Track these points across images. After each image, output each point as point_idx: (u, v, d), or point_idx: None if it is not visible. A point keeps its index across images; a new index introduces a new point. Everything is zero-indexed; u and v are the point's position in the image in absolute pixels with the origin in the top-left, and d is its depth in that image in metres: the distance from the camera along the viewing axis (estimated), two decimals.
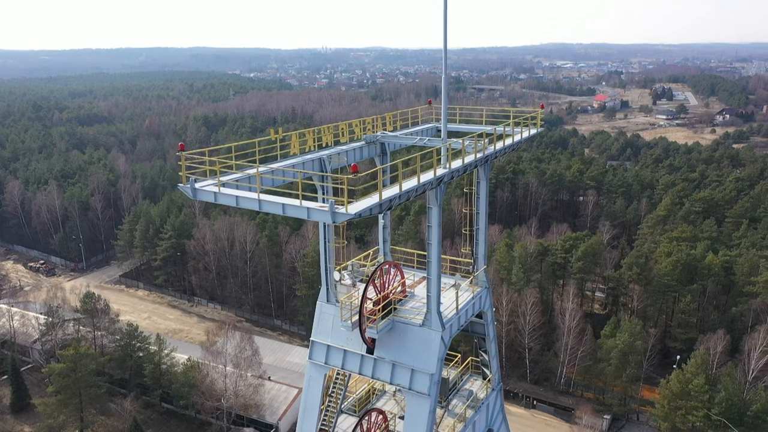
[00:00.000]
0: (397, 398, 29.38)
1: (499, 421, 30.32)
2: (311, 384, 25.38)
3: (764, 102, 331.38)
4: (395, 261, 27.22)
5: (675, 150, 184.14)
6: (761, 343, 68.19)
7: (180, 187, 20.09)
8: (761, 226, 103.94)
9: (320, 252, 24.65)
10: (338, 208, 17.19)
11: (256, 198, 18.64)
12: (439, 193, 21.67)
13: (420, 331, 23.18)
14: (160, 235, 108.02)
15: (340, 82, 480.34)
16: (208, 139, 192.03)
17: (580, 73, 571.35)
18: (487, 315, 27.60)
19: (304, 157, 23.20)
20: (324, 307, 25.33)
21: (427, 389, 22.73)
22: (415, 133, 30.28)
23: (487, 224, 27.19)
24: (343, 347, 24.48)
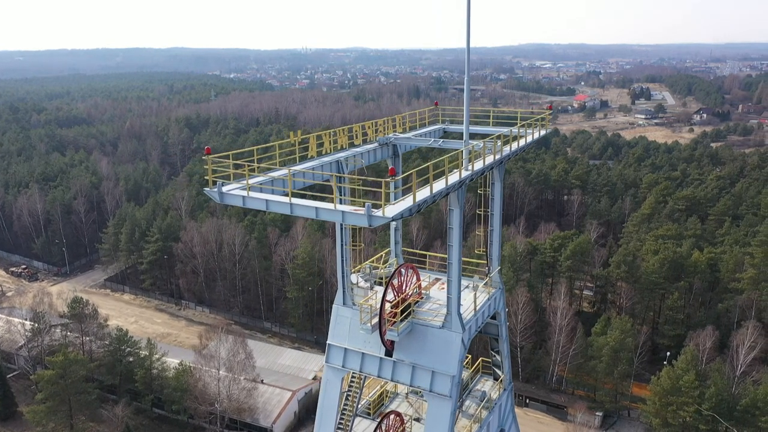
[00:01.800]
0: (410, 400, 29.36)
1: (510, 421, 30.48)
2: (328, 387, 25.24)
3: (739, 101, 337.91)
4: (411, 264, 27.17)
5: (655, 149, 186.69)
6: (749, 338, 69.44)
7: (206, 191, 19.83)
8: (743, 223, 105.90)
9: (337, 255, 24.57)
10: (375, 212, 17.11)
11: (287, 202, 18.47)
12: (461, 195, 21.72)
13: (440, 333, 23.19)
14: (146, 238, 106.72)
15: (321, 83, 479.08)
16: (190, 140, 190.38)
17: (559, 73, 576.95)
18: (501, 315, 27.73)
19: (321, 160, 23.07)
20: (340, 310, 25.21)
21: (449, 391, 22.75)
22: (423, 134, 30.31)
23: (501, 225, 27.30)
24: (361, 350, 24.38)
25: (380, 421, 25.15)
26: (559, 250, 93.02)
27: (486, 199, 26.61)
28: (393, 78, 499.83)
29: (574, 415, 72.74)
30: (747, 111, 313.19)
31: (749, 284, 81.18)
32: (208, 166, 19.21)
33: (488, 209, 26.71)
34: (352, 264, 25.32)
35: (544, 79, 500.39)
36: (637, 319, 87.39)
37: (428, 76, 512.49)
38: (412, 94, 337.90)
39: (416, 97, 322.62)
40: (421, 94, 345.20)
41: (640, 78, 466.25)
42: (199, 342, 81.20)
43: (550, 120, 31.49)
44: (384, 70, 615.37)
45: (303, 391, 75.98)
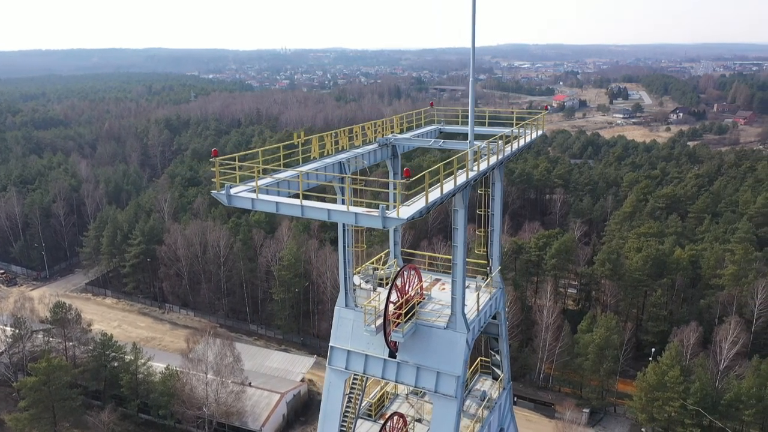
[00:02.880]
0: (410, 401, 29.36)
1: (508, 420, 30.63)
2: (331, 390, 25.12)
3: (714, 100, 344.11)
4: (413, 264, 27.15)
5: (634, 148, 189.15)
6: (732, 333, 70.70)
7: (214, 194, 19.59)
8: (722, 220, 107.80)
9: (339, 257, 24.43)
10: (389, 213, 17.05)
11: (298, 204, 18.31)
12: (465, 196, 21.77)
13: (445, 333, 23.22)
14: (129, 241, 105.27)
15: (301, 83, 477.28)
16: (171, 142, 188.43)
17: (537, 73, 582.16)
18: (501, 315, 27.85)
19: (324, 161, 22.96)
20: (343, 312, 25.10)
21: (454, 392, 22.78)
22: (420, 135, 30.32)
23: (502, 225, 27.42)
24: (364, 352, 24.31)
25: (384, 423, 25.10)
26: (543, 248, 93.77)
27: (485, 199, 26.69)
28: (373, 78, 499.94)
29: (562, 412, 73.45)
30: (722, 110, 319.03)
31: (730, 280, 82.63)
32: (215, 169, 18.96)
33: (488, 209, 26.80)
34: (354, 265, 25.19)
35: (523, 79, 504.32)
36: (621, 316, 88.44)
37: (408, 76, 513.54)
38: (393, 95, 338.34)
39: (397, 98, 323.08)
40: (402, 95, 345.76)
41: (617, 78, 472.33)
42: (186, 346, 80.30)
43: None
44: (364, 71, 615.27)
45: (291, 393, 75.62)
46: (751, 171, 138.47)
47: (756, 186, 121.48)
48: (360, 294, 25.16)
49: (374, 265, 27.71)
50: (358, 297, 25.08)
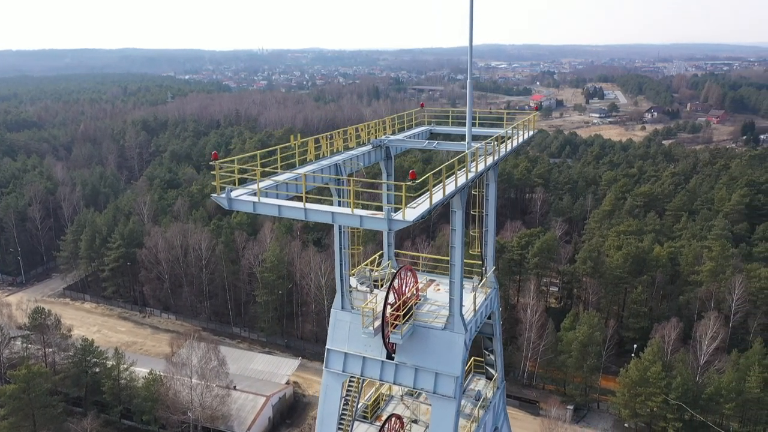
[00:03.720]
0: (405, 402, 29.37)
1: (502, 419, 30.82)
2: (328, 393, 25.00)
3: (687, 100, 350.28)
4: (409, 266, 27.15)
5: (611, 147, 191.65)
6: (711, 329, 72.02)
7: (214, 198, 19.34)
8: (699, 218, 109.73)
9: (335, 259, 24.35)
10: (394, 216, 17.01)
11: (301, 207, 18.18)
12: (463, 197, 21.84)
13: (443, 334, 23.27)
14: (108, 244, 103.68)
15: (279, 84, 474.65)
16: (148, 143, 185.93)
17: (515, 73, 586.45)
18: (495, 315, 28.01)
19: (320, 163, 22.87)
20: (339, 314, 25.02)
21: (453, 392, 22.84)
22: (411, 136, 30.36)
23: (496, 226, 27.58)
24: (361, 354, 24.26)
25: (383, 424, 25.07)
26: (526, 247, 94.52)
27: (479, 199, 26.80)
28: (351, 79, 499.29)
29: (546, 409, 74.17)
30: (695, 109, 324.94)
31: (708, 276, 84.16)
32: (216, 172, 18.74)
33: (482, 210, 26.93)
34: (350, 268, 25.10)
35: (501, 79, 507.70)
36: (602, 314, 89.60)
37: (387, 76, 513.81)
38: (372, 95, 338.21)
39: (376, 98, 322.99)
40: (381, 95, 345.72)
41: (593, 78, 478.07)
42: (169, 350, 79.28)
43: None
44: (342, 71, 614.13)
45: (277, 396, 75.20)
46: (725, 169, 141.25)
47: (730, 184, 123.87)
48: (356, 296, 25.10)
49: (369, 267, 27.65)
50: (355, 299, 25.00)
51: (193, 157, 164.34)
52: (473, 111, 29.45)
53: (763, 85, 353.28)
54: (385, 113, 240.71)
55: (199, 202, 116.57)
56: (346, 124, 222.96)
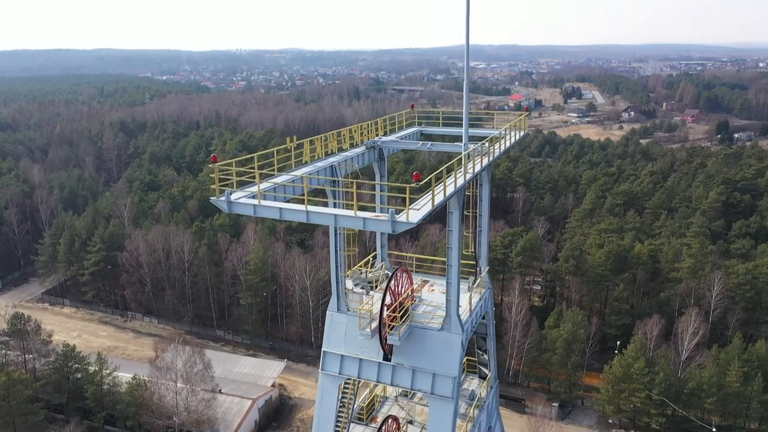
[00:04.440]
0: (400, 403, 29.38)
1: (495, 418, 31.01)
2: (325, 396, 24.91)
3: (663, 99, 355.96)
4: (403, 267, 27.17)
5: (590, 146, 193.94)
6: (692, 325, 73.21)
7: (213, 201, 19.17)
8: (678, 215, 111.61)
9: (331, 260, 24.28)
10: (398, 217, 17.01)
11: (302, 209, 18.08)
12: (460, 198, 21.93)
13: (440, 335, 23.33)
14: (88, 248, 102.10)
15: (258, 85, 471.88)
16: (126, 145, 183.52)
17: (493, 73, 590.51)
18: (489, 315, 28.18)
19: (316, 165, 22.80)
20: (335, 316, 24.95)
21: (450, 393, 22.92)
22: (403, 137, 30.40)
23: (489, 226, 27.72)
24: (358, 356, 24.21)
25: (380, 426, 25.06)
26: (509, 246, 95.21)
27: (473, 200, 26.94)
28: (331, 79, 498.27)
29: (532, 407, 74.76)
30: (671, 109, 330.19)
31: (688, 273, 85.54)
32: (214, 175, 18.57)
33: (476, 210, 27.07)
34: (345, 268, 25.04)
35: (480, 79, 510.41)
36: (584, 311, 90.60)
37: (366, 77, 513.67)
38: (353, 96, 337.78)
39: (356, 98, 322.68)
40: (361, 95, 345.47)
41: (571, 78, 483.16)
42: (152, 354, 78.41)
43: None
44: (321, 71, 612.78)
45: (263, 398, 74.75)
46: (701, 167, 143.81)
47: (707, 182, 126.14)
48: (352, 298, 25.05)
49: (363, 268, 27.62)
50: (351, 301, 24.96)
51: (173, 159, 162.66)
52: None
53: (735, 84, 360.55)
54: (366, 114, 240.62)
55: (180, 204, 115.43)
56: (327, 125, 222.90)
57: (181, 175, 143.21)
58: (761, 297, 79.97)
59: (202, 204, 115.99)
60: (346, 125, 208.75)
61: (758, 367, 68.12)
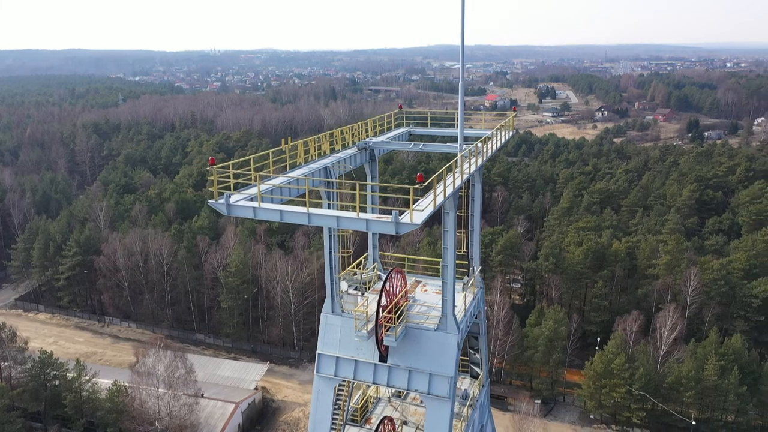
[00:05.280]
0: (393, 404, 29.38)
1: (486, 416, 31.20)
2: (320, 398, 24.80)
3: (635, 99, 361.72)
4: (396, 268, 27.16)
5: (565, 145, 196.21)
6: (670, 320, 74.56)
7: (211, 204, 18.92)
8: (653, 213, 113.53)
9: (325, 262, 24.17)
10: (402, 219, 16.99)
11: (304, 211, 17.96)
12: (455, 198, 22.01)
13: (436, 335, 23.40)
14: (63, 252, 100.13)
15: (233, 85, 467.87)
16: (100, 147, 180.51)
17: (468, 73, 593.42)
18: (481, 314, 28.33)
19: (311, 166, 22.69)
20: (330, 318, 24.84)
21: (447, 392, 23.00)
22: (392, 137, 30.42)
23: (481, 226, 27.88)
24: (353, 358, 24.16)
25: (376, 428, 25.04)
26: (489, 245, 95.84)
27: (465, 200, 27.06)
28: (307, 80, 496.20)
29: (514, 404, 75.45)
30: (643, 108, 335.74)
31: (664, 270, 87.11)
32: (213, 178, 18.35)
33: (467, 210, 27.21)
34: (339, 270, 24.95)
35: (455, 79, 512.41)
36: (564, 308, 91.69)
37: (342, 77, 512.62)
38: (329, 96, 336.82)
39: (333, 99, 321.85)
40: (338, 96, 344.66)
41: (545, 78, 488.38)
42: (131, 359, 77.27)
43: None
44: (297, 72, 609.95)
45: (246, 402, 74.13)
46: (675, 165, 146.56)
47: (680, 179, 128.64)
48: (346, 299, 24.98)
49: (356, 270, 27.57)
50: (345, 303, 24.88)
51: (149, 161, 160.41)
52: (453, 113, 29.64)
53: (705, 84, 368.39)
54: (343, 114, 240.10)
55: (158, 207, 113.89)
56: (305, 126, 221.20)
57: (157, 177, 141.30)
58: (735, 292, 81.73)
59: (180, 206, 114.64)
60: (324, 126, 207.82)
61: (734, 360, 69.67)
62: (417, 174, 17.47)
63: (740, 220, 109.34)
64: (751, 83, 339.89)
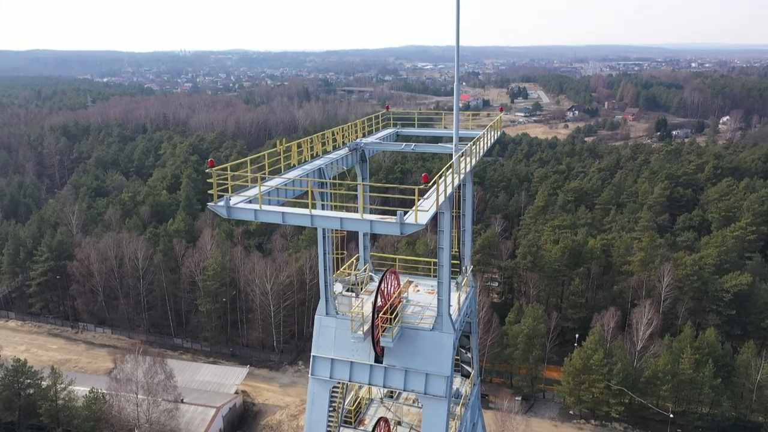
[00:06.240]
0: (386, 405, 29.37)
1: (477, 414, 31.39)
2: (316, 401, 24.67)
3: (605, 99, 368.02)
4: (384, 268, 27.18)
5: (538, 145, 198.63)
6: (646, 315, 76.00)
7: (211, 207, 18.64)
8: (626, 210, 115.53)
9: (319, 264, 24.05)
10: (406, 219, 16.98)
11: (307, 213, 17.83)
12: (451, 198, 22.11)
13: (432, 335, 23.47)
14: (34, 258, 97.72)
15: (205, 86, 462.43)
16: (70, 150, 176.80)
17: (441, 74, 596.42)
18: (473, 313, 28.51)
19: (305, 167, 22.58)
20: (324, 320, 24.73)
21: (444, 392, 23.09)
22: (381, 138, 30.42)
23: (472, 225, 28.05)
24: (349, 359, 24.09)
25: (373, 429, 25.02)
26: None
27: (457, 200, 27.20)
28: (279, 80, 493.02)
29: (495, 402, 76.07)
30: (612, 107, 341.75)
31: (639, 266, 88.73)
32: (212, 180, 18.11)
33: (459, 210, 27.36)
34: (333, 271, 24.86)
35: (428, 80, 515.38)
36: (542, 306, 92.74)
37: (315, 78, 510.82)
38: (303, 97, 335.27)
39: (307, 100, 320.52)
40: (312, 97, 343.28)
41: (516, 78, 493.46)
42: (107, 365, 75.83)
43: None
44: (269, 73, 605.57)
45: (227, 406, 73.37)
46: (645, 164, 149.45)
47: (652, 177, 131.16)
48: (340, 301, 24.89)
49: (348, 271, 27.50)
50: (340, 304, 24.80)
51: (121, 164, 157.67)
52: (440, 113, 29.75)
53: (671, 84, 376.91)
54: (318, 115, 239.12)
55: (132, 210, 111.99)
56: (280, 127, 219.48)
57: (130, 180, 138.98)
58: (707, 287, 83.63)
59: (154, 209, 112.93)
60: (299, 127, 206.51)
61: (708, 354, 71.30)
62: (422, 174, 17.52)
63: (710, 216, 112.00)
64: (716, 83, 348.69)
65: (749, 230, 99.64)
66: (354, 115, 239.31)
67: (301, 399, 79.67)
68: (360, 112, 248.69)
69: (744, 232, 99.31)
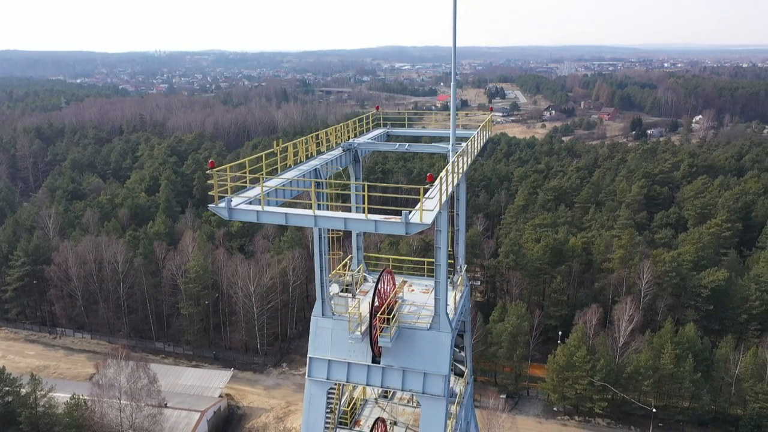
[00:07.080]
0: (381, 405, 29.37)
1: (470, 413, 31.55)
2: (313, 402, 24.56)
3: (581, 98, 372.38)
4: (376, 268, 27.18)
5: (517, 144, 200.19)
6: (627, 312, 77.11)
7: (212, 208, 18.43)
8: (605, 209, 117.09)
9: (315, 265, 23.96)
10: (411, 219, 16.98)
11: (310, 214, 17.73)
12: (448, 198, 22.18)
13: (429, 334, 23.52)
14: (10, 262, 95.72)
15: (181, 87, 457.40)
16: (44, 152, 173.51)
17: (419, 74, 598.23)
18: (467, 312, 28.65)
19: (301, 168, 22.48)
20: (320, 321, 24.63)
21: (442, 391, 23.16)
22: (372, 138, 30.44)
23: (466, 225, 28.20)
24: (346, 360, 24.04)
25: (371, 430, 24.99)
26: (450, 244, 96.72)
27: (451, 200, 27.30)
28: (257, 81, 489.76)
29: (480, 400, 76.42)
30: (588, 107, 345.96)
31: (619, 264, 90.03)
32: (213, 181, 17.92)
33: (453, 210, 27.48)
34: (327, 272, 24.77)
35: (406, 80, 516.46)
36: (525, 304, 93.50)
37: (293, 78, 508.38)
38: (281, 98, 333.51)
39: (285, 100, 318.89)
40: (290, 97, 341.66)
41: (493, 78, 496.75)
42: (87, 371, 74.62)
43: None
44: (246, 73, 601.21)
45: (211, 410, 72.64)
46: (623, 162, 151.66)
47: (629, 176, 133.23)
48: (336, 302, 24.83)
49: (342, 271, 27.45)
50: (335, 305, 24.73)
51: (98, 166, 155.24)
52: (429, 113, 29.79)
53: (645, 84, 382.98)
54: (297, 116, 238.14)
55: (110, 213, 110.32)
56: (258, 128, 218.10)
57: (107, 182, 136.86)
58: (686, 283, 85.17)
59: (133, 212, 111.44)
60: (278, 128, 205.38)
61: (688, 348, 72.62)
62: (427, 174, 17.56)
63: (686, 213, 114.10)
64: (688, 83, 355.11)
65: (725, 227, 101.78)
66: (333, 116, 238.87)
67: (286, 401, 79.28)
68: (339, 113, 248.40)
69: (719, 229, 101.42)
